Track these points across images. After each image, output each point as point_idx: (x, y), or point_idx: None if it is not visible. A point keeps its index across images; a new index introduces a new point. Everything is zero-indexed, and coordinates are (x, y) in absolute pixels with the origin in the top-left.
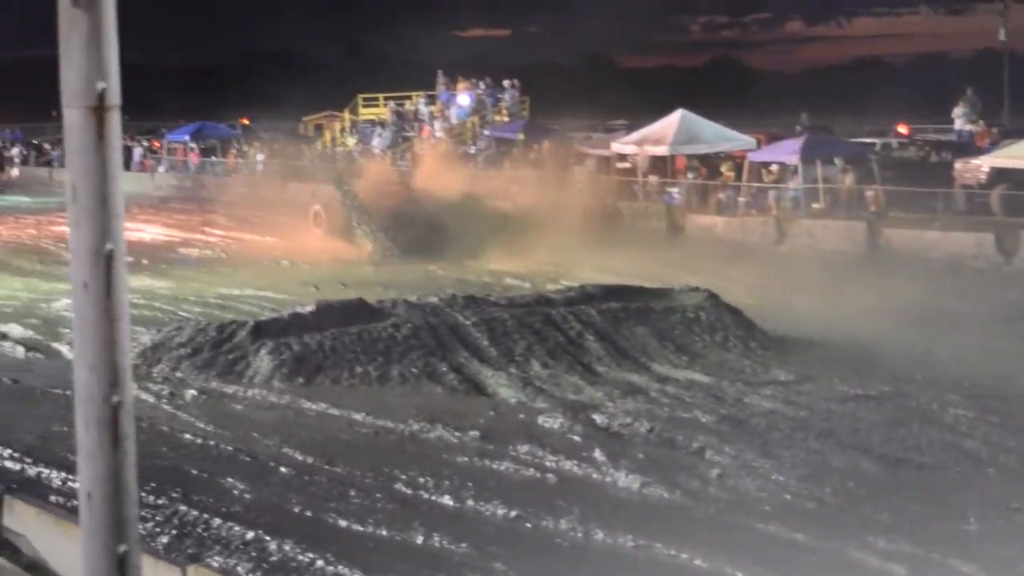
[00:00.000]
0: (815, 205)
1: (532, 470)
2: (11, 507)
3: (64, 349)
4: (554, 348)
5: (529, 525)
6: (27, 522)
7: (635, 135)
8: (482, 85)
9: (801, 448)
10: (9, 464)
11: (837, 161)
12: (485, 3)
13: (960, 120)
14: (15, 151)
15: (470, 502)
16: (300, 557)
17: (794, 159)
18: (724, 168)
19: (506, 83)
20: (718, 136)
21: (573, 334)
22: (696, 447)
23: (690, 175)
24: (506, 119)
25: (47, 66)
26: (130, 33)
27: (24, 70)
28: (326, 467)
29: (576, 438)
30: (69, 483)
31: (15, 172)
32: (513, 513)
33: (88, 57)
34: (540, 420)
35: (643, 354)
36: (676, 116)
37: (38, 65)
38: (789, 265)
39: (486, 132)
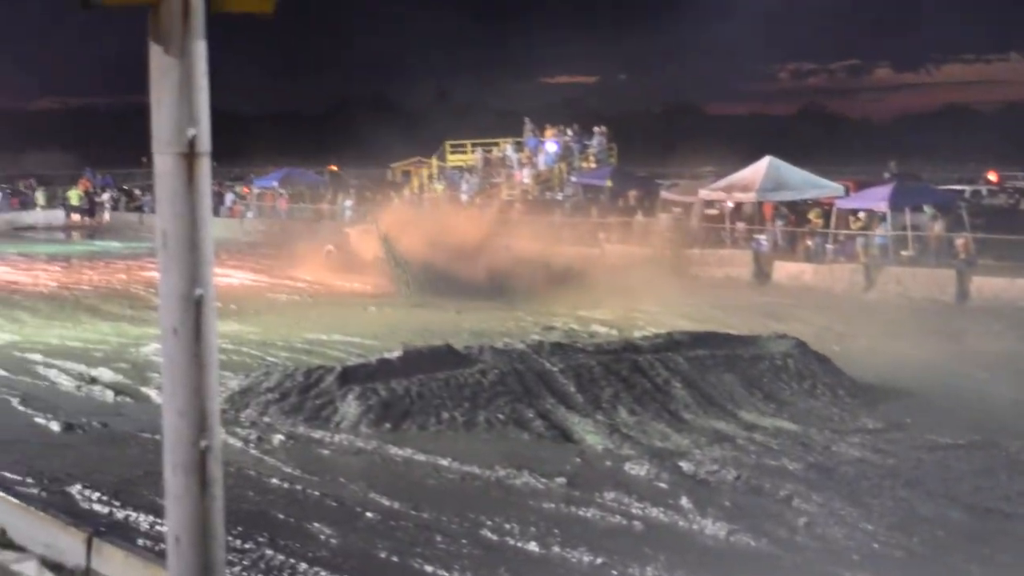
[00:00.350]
0: (904, 252)
1: (618, 517)
2: (99, 550)
3: (153, 394)
4: (641, 395)
5: (615, 572)
6: (115, 565)
7: (723, 182)
8: (569, 132)
9: (889, 497)
10: (98, 507)
11: (926, 208)
12: (573, 50)
13: None
14: (106, 196)
15: (556, 548)
16: None
17: (882, 206)
18: (812, 215)
19: (596, 130)
20: (806, 183)
21: (660, 381)
22: (783, 495)
23: (778, 222)
24: (593, 166)
25: (139, 112)
26: (220, 80)
27: (118, 116)
28: (412, 512)
29: (663, 485)
30: (157, 526)
31: (106, 217)
32: (599, 560)
33: (179, 104)
34: (627, 467)
35: (730, 401)
36: (764, 163)
37: (131, 111)
38: (877, 313)
39: (573, 179)
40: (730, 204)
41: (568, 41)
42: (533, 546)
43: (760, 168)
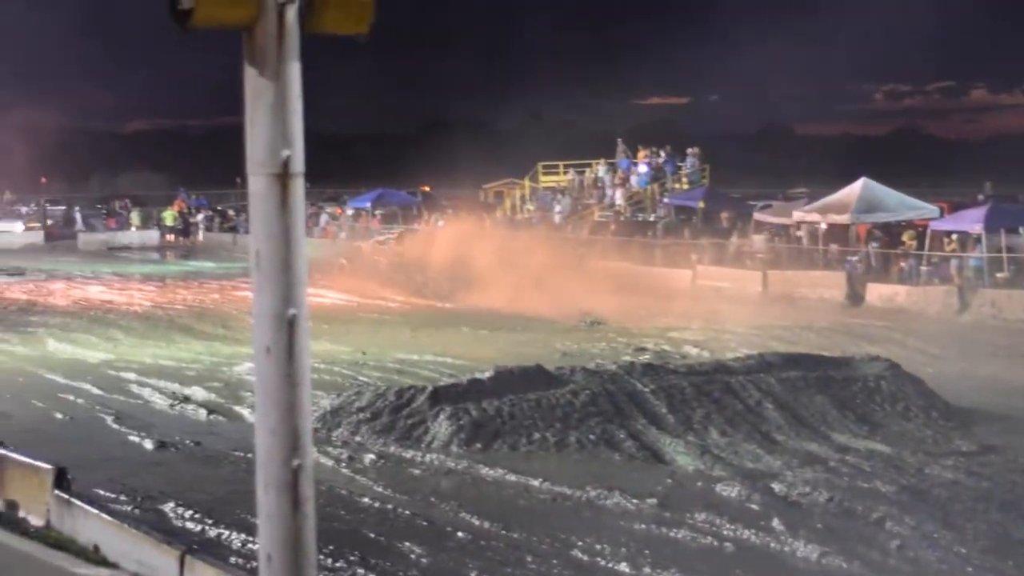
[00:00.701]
0: (999, 274)
1: (710, 538)
2: (192, 567)
3: (246, 412)
4: (733, 416)
5: None
6: None
7: (817, 203)
8: (662, 153)
9: (983, 520)
10: (190, 525)
11: (1022, 230)
12: (665, 72)
13: None
14: (200, 217)
15: (647, 570)
16: None
17: (977, 228)
18: (906, 237)
19: (688, 151)
20: (900, 204)
21: (752, 402)
22: (876, 517)
23: (872, 244)
24: (686, 187)
25: (233, 133)
26: (314, 100)
27: (211, 137)
28: (503, 532)
29: (754, 507)
30: (249, 545)
31: (200, 237)
32: None
33: (273, 125)
34: (718, 488)
35: (823, 423)
36: (858, 184)
37: (225, 132)
38: (971, 335)
39: (666, 200)
40: (823, 225)
41: (661, 62)
42: (624, 567)
43: (855, 189)
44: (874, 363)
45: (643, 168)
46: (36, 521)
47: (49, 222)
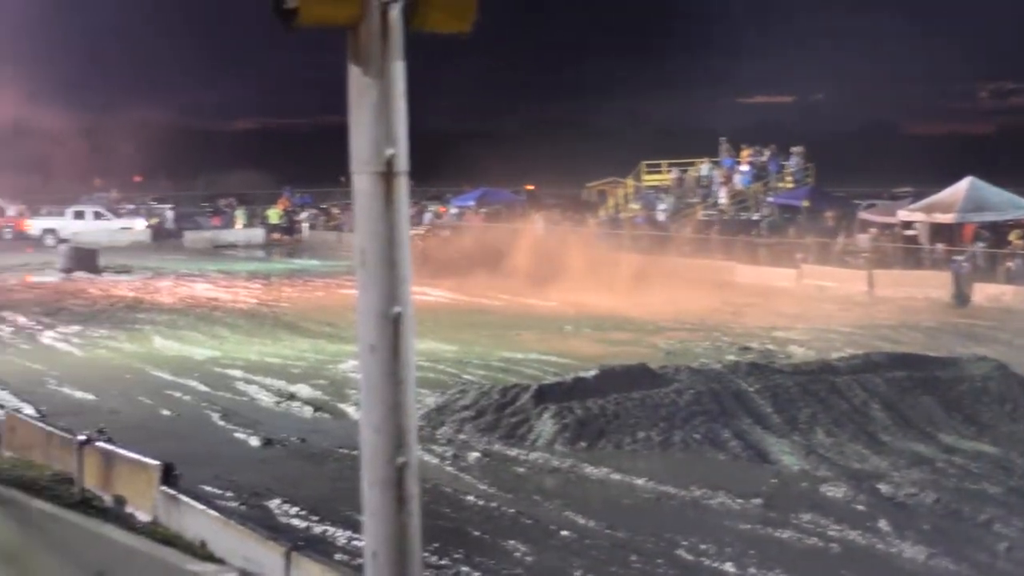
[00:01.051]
0: None
1: (815, 539)
2: (298, 564)
3: (350, 410)
4: (838, 416)
5: None
6: None
7: (922, 202)
8: (766, 152)
9: None
10: (296, 521)
11: None
12: (769, 70)
13: None
14: (304, 215)
15: (752, 570)
16: None
17: None
18: (1013, 236)
19: (792, 149)
20: (1008, 203)
21: (858, 402)
22: (984, 519)
23: (978, 243)
24: (790, 186)
25: (338, 132)
26: (418, 100)
27: (318, 136)
28: (607, 531)
29: (860, 507)
30: (354, 542)
31: (304, 236)
32: None
33: (377, 124)
34: (823, 489)
35: (929, 424)
36: (965, 183)
37: (330, 131)
38: None
39: (770, 199)
40: (924, 225)
41: (765, 61)
42: (729, 567)
43: (961, 188)
44: (981, 363)
45: (746, 167)
46: (143, 517)
47: (155, 220)
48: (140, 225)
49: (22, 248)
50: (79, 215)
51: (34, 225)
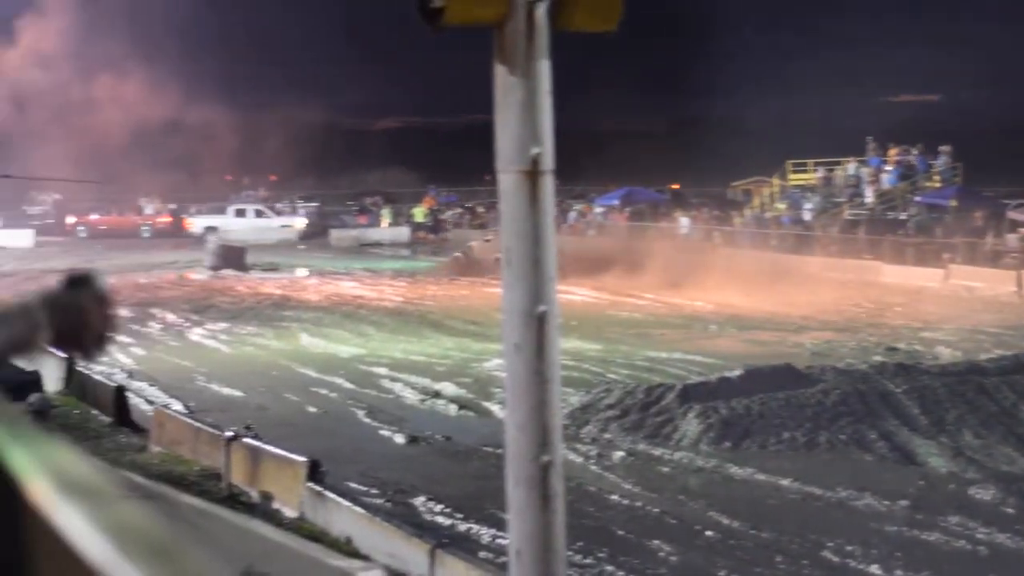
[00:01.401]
0: None
1: (963, 542)
2: (442, 561)
3: (495, 408)
4: (987, 418)
5: None
6: None
7: None
8: (914, 151)
9: None
10: (440, 519)
11: None
12: (915, 68)
13: None
14: (449, 214)
15: (899, 572)
16: None
17: None
18: None
19: (940, 148)
20: None
21: (1007, 404)
22: None
23: None
24: (938, 185)
25: (482, 130)
26: (562, 99)
27: (463, 135)
28: (752, 532)
29: (1010, 510)
30: (498, 540)
31: (449, 235)
32: None
33: (523, 123)
34: (971, 491)
35: None
36: None
37: (476, 130)
38: None
39: (917, 198)
40: None
41: (912, 59)
42: (875, 569)
43: None
44: None
45: (893, 166)
46: (290, 513)
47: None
48: (300, 223)
49: (163, 245)
50: (240, 213)
51: (196, 223)
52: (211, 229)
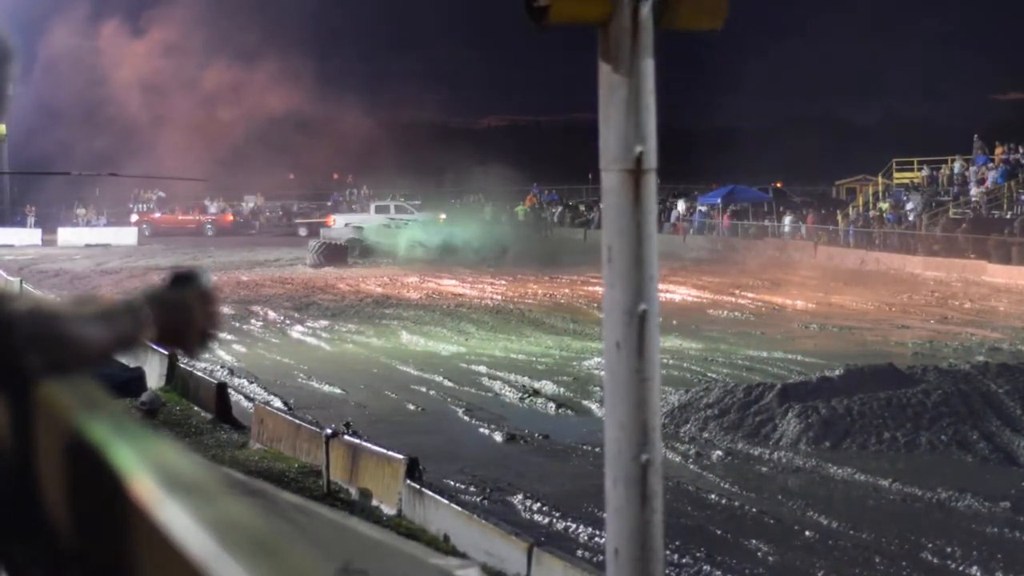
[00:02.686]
0: None
1: None
2: (539, 560)
3: (594, 407)
4: None
5: None
6: (555, 575)
7: None
8: (1021, 149)
9: None
10: (539, 517)
11: None
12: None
13: None
14: (552, 212)
15: (999, 574)
16: None
17: None
18: None
19: None
20: None
21: None
22: None
23: None
24: None
25: (586, 129)
26: (666, 97)
27: (566, 133)
28: (851, 532)
29: None
30: (596, 538)
31: (550, 233)
32: None
33: (627, 121)
34: None
35: None
36: None
37: (578, 128)
38: None
39: (1023, 197)
40: None
41: (1020, 56)
42: (975, 571)
43: None
44: None
45: (1000, 164)
46: (388, 510)
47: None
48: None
49: (268, 243)
50: (381, 210)
51: (337, 220)
52: (356, 228)
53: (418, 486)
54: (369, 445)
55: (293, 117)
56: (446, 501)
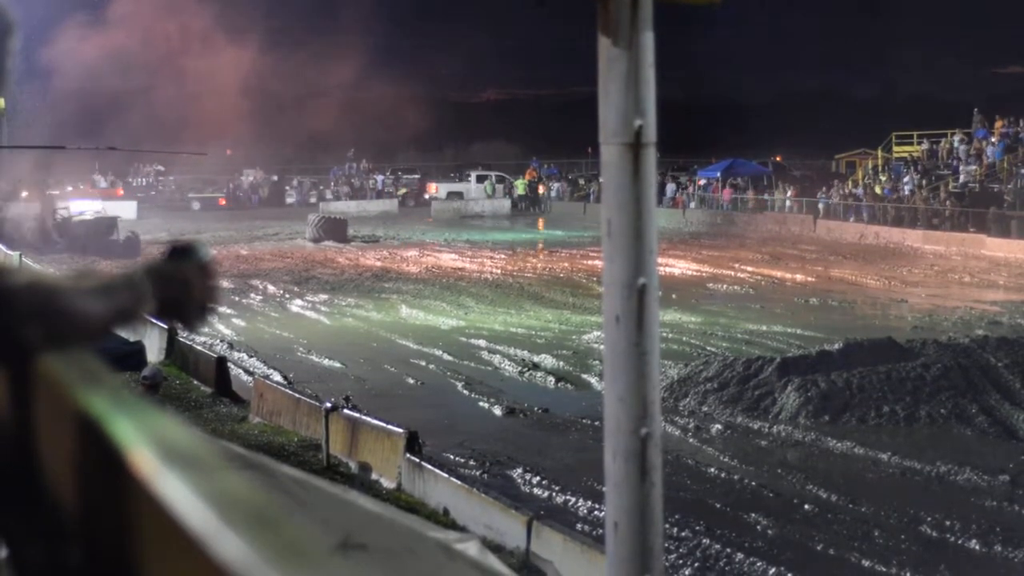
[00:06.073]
0: None
1: None
2: (539, 533)
3: (593, 381)
4: None
5: None
6: (554, 548)
7: None
8: (1021, 123)
9: None
10: (538, 491)
11: None
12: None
13: None
14: (552, 186)
15: (998, 547)
16: None
17: None
18: None
19: None
20: None
21: None
22: None
23: None
24: None
25: (586, 103)
26: (666, 71)
27: (566, 107)
28: (850, 506)
29: None
30: (595, 512)
31: (550, 206)
32: None
33: (626, 95)
34: None
35: None
36: None
37: (578, 102)
38: None
39: (1022, 171)
40: None
41: (1020, 30)
42: (974, 544)
43: None
44: None
45: (999, 138)
46: (388, 484)
47: (404, 191)
48: (443, 193)
49: (265, 216)
50: (481, 179)
51: (440, 189)
52: (456, 195)
53: (417, 460)
54: (368, 419)
55: (291, 92)
56: (445, 475)
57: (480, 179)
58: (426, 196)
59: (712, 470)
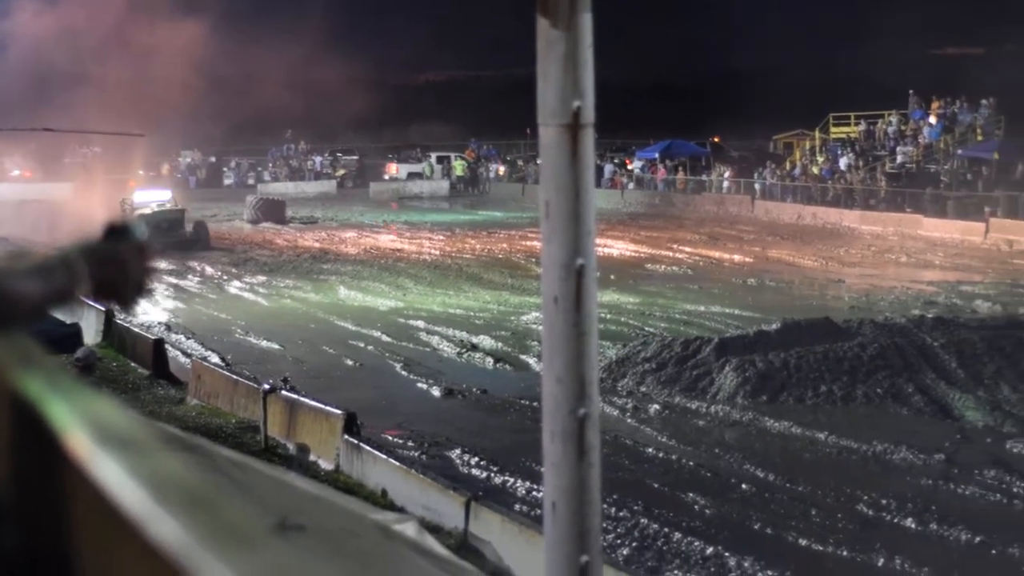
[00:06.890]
0: None
1: (999, 496)
2: (477, 513)
3: (532, 361)
4: None
5: (994, 552)
6: (492, 529)
7: None
8: (956, 104)
9: None
10: (476, 472)
11: None
12: (959, 21)
13: None
14: (490, 167)
15: (933, 526)
16: (759, 574)
17: None
18: None
19: (983, 102)
20: None
21: None
22: None
23: None
24: (980, 138)
25: (522, 85)
26: (604, 52)
27: (504, 89)
28: (788, 485)
29: None
30: (533, 492)
31: (488, 188)
32: (977, 539)
33: (564, 76)
34: (1008, 445)
35: None
36: None
37: (517, 84)
38: None
39: (959, 151)
40: None
41: (955, 11)
42: (910, 522)
43: None
44: None
45: (936, 119)
46: (326, 465)
47: (342, 172)
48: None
49: (204, 197)
50: (441, 160)
51: (400, 169)
52: (416, 175)
53: (356, 441)
54: (307, 400)
55: (229, 73)
56: (384, 456)
57: (440, 160)
58: (386, 176)
59: (650, 450)
